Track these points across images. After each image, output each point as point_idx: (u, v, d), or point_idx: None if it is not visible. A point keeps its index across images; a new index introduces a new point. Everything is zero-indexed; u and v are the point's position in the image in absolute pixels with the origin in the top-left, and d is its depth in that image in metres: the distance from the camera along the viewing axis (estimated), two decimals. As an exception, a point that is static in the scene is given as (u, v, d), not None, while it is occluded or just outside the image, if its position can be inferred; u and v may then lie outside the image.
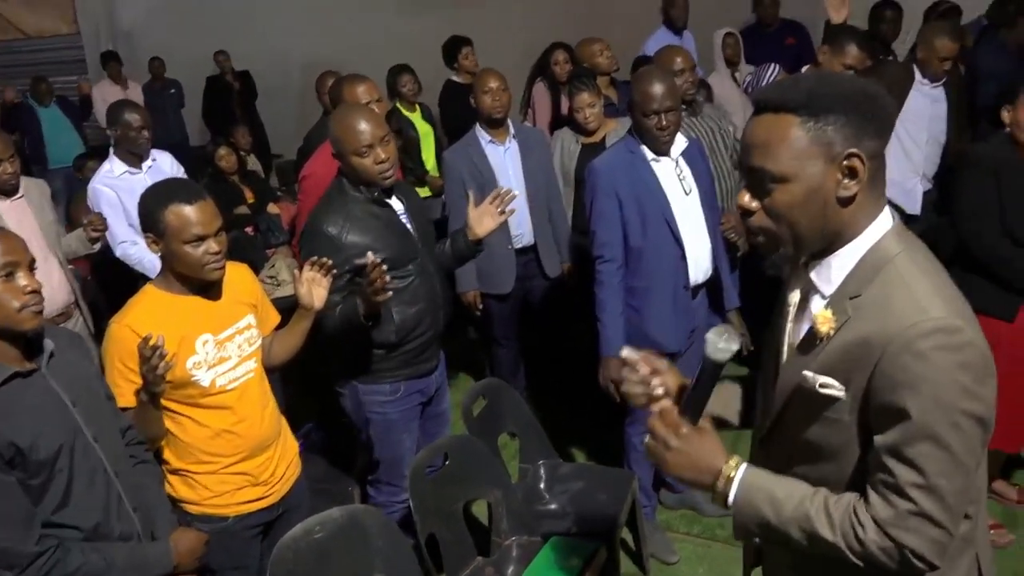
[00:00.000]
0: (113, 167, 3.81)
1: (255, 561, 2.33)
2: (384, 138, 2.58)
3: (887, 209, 1.30)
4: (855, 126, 1.21)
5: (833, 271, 1.30)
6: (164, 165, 3.94)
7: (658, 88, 2.71)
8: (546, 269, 3.86)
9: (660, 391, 1.49)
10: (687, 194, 2.87)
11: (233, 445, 2.25)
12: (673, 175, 2.86)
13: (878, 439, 1.21)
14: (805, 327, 1.35)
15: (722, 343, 1.31)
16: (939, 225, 3.43)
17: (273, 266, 4.55)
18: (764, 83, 4.01)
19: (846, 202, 1.25)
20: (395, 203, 2.73)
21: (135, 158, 3.81)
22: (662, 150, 2.83)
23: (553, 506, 2.94)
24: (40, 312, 1.73)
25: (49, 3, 9.66)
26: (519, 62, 5.17)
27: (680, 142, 2.87)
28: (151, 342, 1.93)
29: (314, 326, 2.46)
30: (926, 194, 4.00)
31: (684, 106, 3.55)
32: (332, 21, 8.08)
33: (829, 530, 1.23)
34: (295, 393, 3.96)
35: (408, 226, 2.74)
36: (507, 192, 2.80)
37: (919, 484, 1.18)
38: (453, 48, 5.60)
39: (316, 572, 2.15)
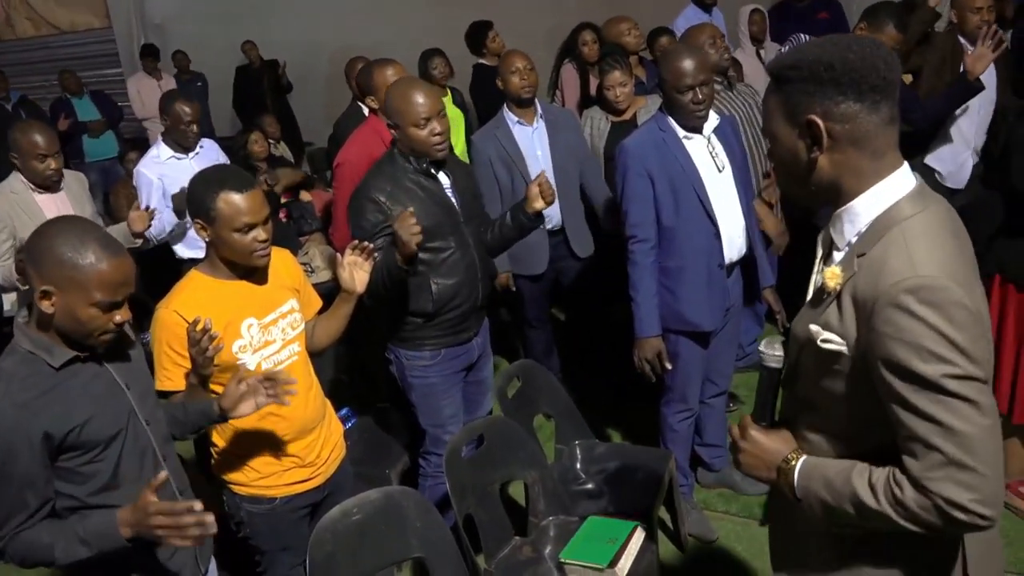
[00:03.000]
0: (160, 152, 3.90)
1: (303, 542, 2.36)
2: (440, 112, 2.66)
3: (904, 171, 1.33)
4: (816, 92, 1.28)
5: (845, 225, 1.36)
6: (210, 153, 4.02)
7: (689, 63, 2.71)
8: (576, 250, 3.87)
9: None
10: (720, 171, 2.87)
11: (279, 427, 2.30)
12: (705, 152, 2.85)
13: (887, 396, 1.25)
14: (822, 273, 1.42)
15: (773, 351, 1.44)
16: (985, 198, 3.37)
17: (307, 253, 4.60)
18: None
19: (815, 164, 1.32)
20: (442, 177, 2.79)
21: (182, 146, 3.89)
22: (695, 126, 2.83)
23: (590, 486, 2.97)
24: (111, 338, 1.78)
25: (82, -3, 9.80)
26: (546, 43, 5.16)
27: (712, 119, 2.86)
28: (199, 325, 1.99)
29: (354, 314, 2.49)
30: (973, 167, 3.95)
31: (721, 78, 3.53)
32: (359, 8, 8.11)
33: (873, 499, 1.27)
34: (334, 378, 4.04)
35: (452, 200, 2.79)
36: (542, 179, 2.83)
37: (935, 432, 1.20)
38: (478, 32, 5.60)
39: (355, 553, 2.20)
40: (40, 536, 1.69)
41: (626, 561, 2.49)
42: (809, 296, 1.46)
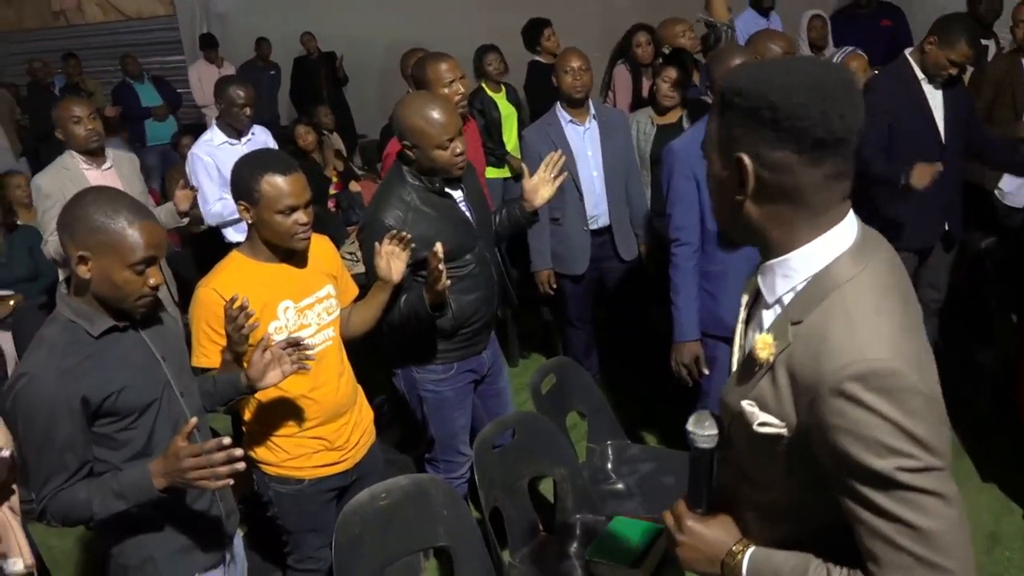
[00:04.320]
0: (214, 136, 4.01)
1: (330, 524, 2.39)
2: (460, 129, 2.59)
3: (847, 222, 1.16)
4: (753, 130, 1.11)
5: (777, 279, 1.19)
6: (261, 139, 4.11)
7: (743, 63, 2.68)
8: (621, 251, 3.86)
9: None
10: (767, 177, 2.83)
11: (310, 410, 2.34)
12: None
13: (841, 492, 1.11)
14: (752, 336, 1.26)
15: (703, 431, 1.28)
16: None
17: (354, 242, 4.66)
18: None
19: (750, 208, 1.16)
20: (455, 193, 2.71)
21: (235, 130, 3.98)
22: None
23: (619, 486, 2.95)
24: (150, 304, 1.84)
25: (149, -14, 10.07)
26: (599, 44, 5.15)
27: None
28: (236, 303, 2.03)
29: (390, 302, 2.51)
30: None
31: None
32: (417, 3, 8.17)
33: None
34: (370, 367, 4.08)
35: (467, 214, 2.73)
36: (559, 158, 2.82)
37: (904, 531, 1.06)
38: (534, 30, 5.62)
39: (381, 537, 2.22)
40: (78, 493, 1.76)
41: (652, 562, 2.48)
42: (735, 360, 1.31)
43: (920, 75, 3.40)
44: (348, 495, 2.43)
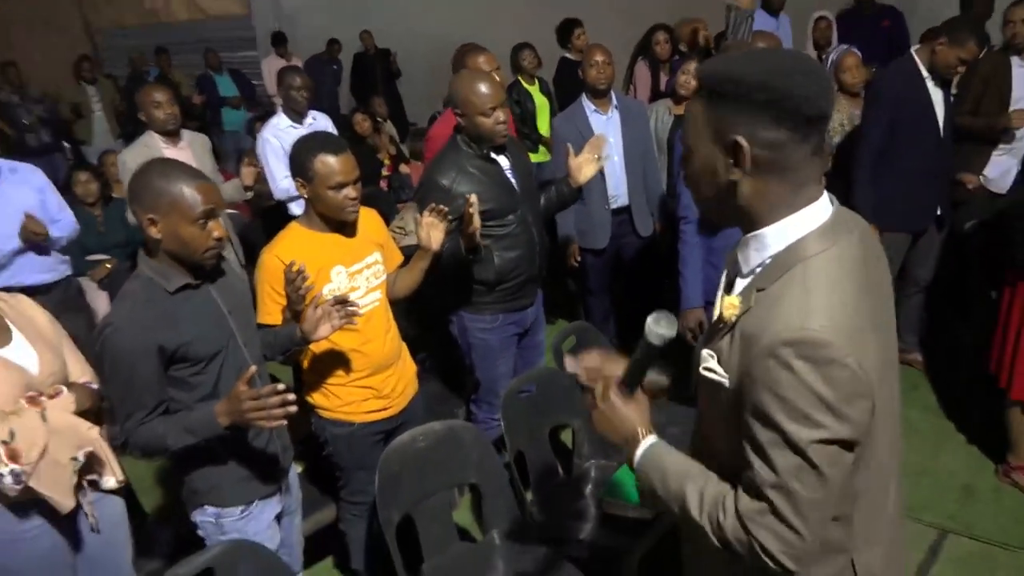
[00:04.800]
0: (279, 121, 4.03)
1: (377, 463, 2.45)
2: (503, 101, 2.63)
3: (821, 203, 1.14)
4: (747, 113, 1.08)
5: (751, 251, 1.17)
6: (321, 124, 4.11)
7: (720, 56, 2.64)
8: (638, 228, 3.83)
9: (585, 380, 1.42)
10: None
11: (360, 362, 2.36)
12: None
13: (744, 433, 1.11)
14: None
15: (659, 328, 1.25)
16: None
17: (402, 218, 4.68)
18: (830, 62, 3.82)
19: (734, 186, 1.13)
20: (502, 160, 2.76)
21: (298, 115, 4.00)
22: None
23: (631, 436, 2.94)
24: (218, 254, 1.87)
25: (227, -13, 10.10)
26: (625, 47, 5.08)
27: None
28: (295, 267, 2.05)
29: (430, 269, 2.53)
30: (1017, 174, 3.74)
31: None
32: (462, 3, 8.10)
33: (698, 510, 1.17)
34: (416, 326, 4.10)
35: (512, 181, 2.76)
36: (601, 140, 2.82)
37: (775, 484, 1.07)
38: (566, 29, 5.54)
39: (418, 474, 2.24)
40: (155, 428, 1.80)
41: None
42: (714, 319, 1.29)
43: (924, 72, 3.31)
44: (393, 438, 2.45)
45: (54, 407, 1.88)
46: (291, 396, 1.73)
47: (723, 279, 1.31)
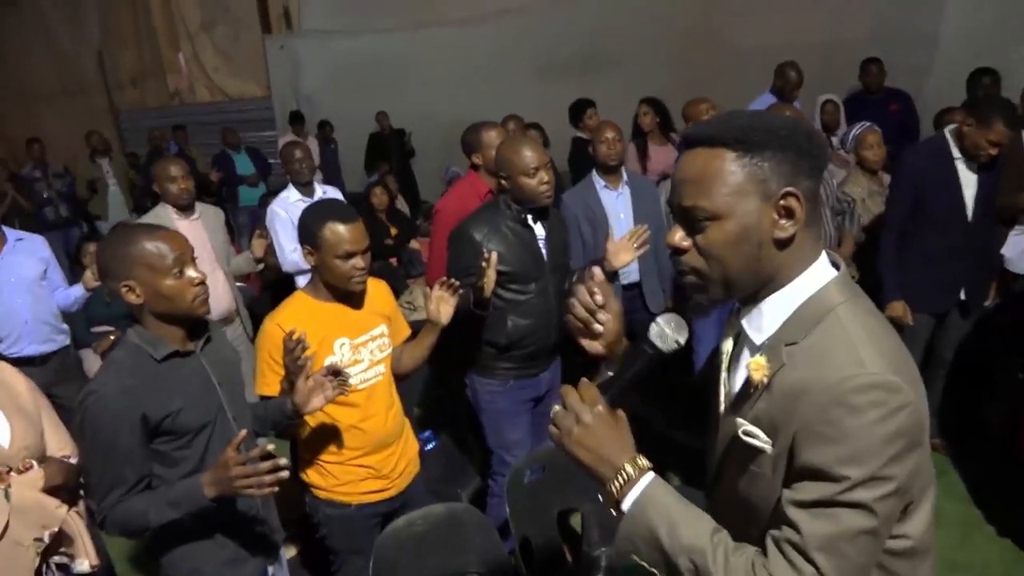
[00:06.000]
0: (289, 195, 4.02)
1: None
2: (546, 164, 2.63)
3: (825, 256, 1.09)
4: (792, 163, 1.02)
5: (765, 318, 1.07)
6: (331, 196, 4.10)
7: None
8: (649, 304, 3.74)
9: (600, 328, 1.24)
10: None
11: (359, 439, 2.25)
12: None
13: (788, 493, 0.99)
14: (740, 376, 1.12)
15: (669, 331, 1.09)
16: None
17: (411, 293, 4.64)
18: (852, 136, 3.79)
19: (783, 244, 1.04)
20: (538, 228, 2.73)
21: (306, 187, 3.98)
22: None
23: (644, 522, 2.78)
24: (207, 299, 1.78)
25: (249, 71, 10.39)
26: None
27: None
28: (295, 336, 1.96)
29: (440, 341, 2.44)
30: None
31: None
32: (475, 86, 8.27)
33: (722, 570, 0.99)
34: (421, 403, 3.98)
35: (542, 251, 2.74)
36: (644, 231, 2.79)
37: (824, 546, 0.95)
38: (578, 109, 5.62)
39: (415, 561, 2.10)
40: (135, 504, 1.69)
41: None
42: (722, 402, 1.16)
43: (956, 153, 3.20)
44: (392, 521, 2.32)
45: (21, 483, 1.76)
46: (283, 461, 1.62)
47: (724, 358, 1.17)
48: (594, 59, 7.62)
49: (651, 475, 1.08)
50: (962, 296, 3.40)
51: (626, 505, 1.06)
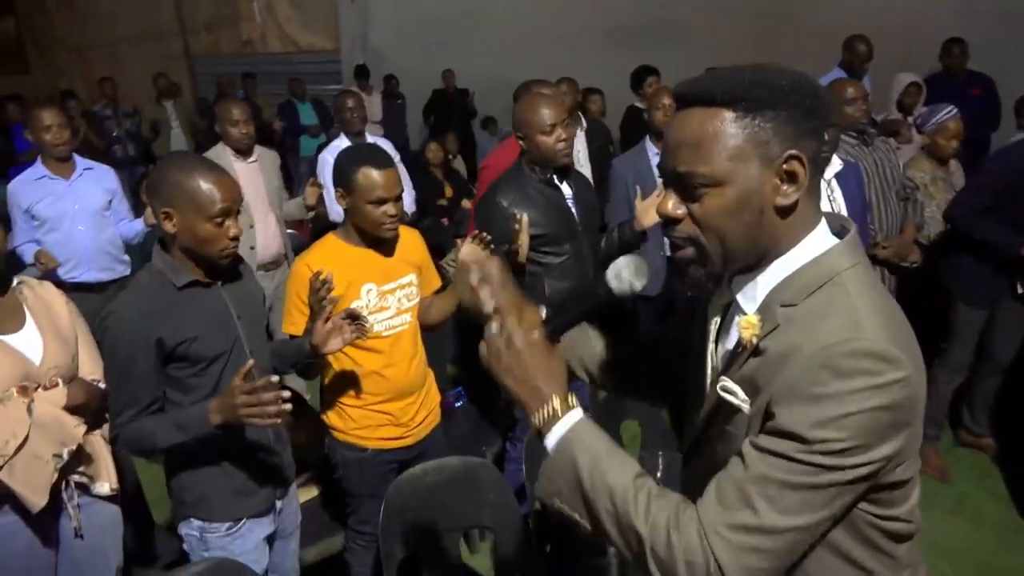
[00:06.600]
0: (341, 143, 4.02)
1: None
2: (564, 121, 2.54)
3: (825, 222, 1.01)
4: (795, 123, 0.93)
5: (759, 289, 0.99)
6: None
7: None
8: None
9: (489, 308, 1.05)
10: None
11: (380, 386, 2.24)
12: (824, 195, 2.58)
13: (752, 437, 0.92)
14: (729, 346, 1.05)
15: (627, 274, 1.04)
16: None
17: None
18: (933, 121, 3.56)
19: (784, 211, 0.96)
20: (565, 188, 2.66)
21: (359, 137, 3.98)
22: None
23: (665, 496, 2.73)
24: (233, 253, 1.78)
25: (320, 23, 10.43)
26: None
27: (835, 164, 2.59)
28: (321, 277, 1.95)
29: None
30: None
31: (855, 135, 3.24)
32: (541, 48, 8.12)
33: (642, 518, 0.91)
34: (455, 359, 3.98)
35: (572, 210, 2.65)
36: None
37: (772, 495, 0.87)
38: (640, 76, 5.47)
39: (426, 509, 2.10)
40: (145, 425, 1.72)
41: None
42: (708, 375, 1.08)
43: None
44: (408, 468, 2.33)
45: (44, 399, 1.81)
46: (286, 394, 1.61)
47: (711, 329, 1.09)
48: (663, 26, 7.39)
49: (579, 413, 1.01)
50: (1019, 290, 3.23)
51: (550, 442, 1.00)
